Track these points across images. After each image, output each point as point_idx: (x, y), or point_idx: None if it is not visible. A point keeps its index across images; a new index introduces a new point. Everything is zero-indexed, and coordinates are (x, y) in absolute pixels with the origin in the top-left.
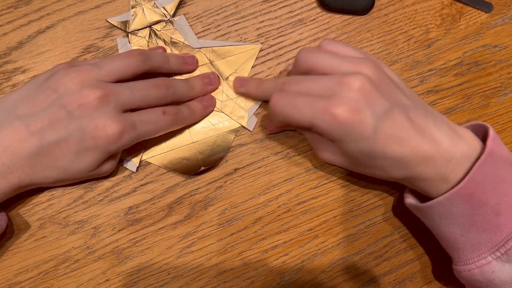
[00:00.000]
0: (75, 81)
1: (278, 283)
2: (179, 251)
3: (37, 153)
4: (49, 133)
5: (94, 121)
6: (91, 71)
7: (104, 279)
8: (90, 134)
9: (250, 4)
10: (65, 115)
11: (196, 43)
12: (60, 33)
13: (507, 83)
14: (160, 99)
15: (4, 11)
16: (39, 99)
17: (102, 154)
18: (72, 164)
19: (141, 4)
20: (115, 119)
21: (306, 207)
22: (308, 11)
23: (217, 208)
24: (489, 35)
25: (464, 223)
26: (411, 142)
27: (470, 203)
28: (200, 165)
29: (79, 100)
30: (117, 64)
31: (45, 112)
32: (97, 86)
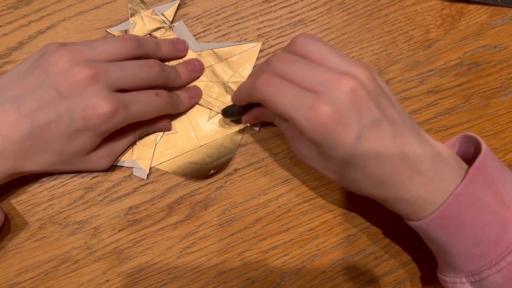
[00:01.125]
0: (65, 59)
1: (278, 283)
2: (179, 251)
3: (29, 136)
4: (39, 115)
5: (84, 100)
6: (83, 50)
7: (104, 279)
8: (80, 114)
9: (250, 4)
10: (55, 95)
11: (196, 47)
12: (60, 33)
13: (507, 83)
14: (152, 81)
15: (4, 11)
16: (29, 80)
17: (94, 135)
18: (64, 147)
19: (140, 12)
20: (106, 98)
21: (306, 207)
22: (308, 11)
23: (217, 209)
24: (489, 35)
25: (441, 248)
26: (391, 161)
27: (446, 232)
28: (210, 168)
29: (68, 79)
30: (111, 47)
31: (35, 92)
32: (87, 65)
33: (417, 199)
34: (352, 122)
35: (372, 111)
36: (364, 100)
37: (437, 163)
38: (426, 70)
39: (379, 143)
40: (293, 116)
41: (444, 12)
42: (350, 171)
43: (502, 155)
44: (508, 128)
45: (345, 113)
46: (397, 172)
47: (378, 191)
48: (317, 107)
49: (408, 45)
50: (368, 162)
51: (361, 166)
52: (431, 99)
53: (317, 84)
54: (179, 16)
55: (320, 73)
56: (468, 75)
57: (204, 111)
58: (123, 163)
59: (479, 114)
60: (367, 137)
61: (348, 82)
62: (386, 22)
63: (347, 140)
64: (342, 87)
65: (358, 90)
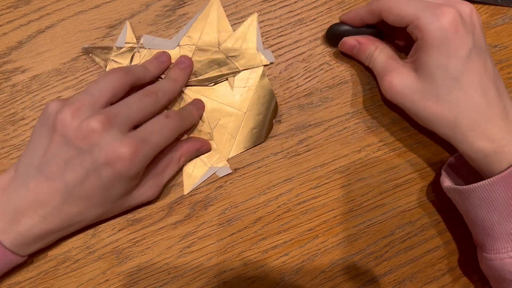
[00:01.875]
0: (71, 114)
1: (278, 283)
2: (179, 251)
3: (68, 198)
4: (69, 175)
5: (104, 150)
6: (84, 100)
7: (104, 279)
8: (105, 164)
9: (250, 4)
10: (76, 152)
11: (172, 44)
12: (60, 33)
13: (507, 83)
14: (156, 106)
15: (4, 11)
16: (46, 146)
17: (127, 179)
18: (106, 197)
19: (108, 58)
20: (124, 141)
21: (306, 207)
22: (308, 10)
23: (217, 208)
24: (489, 35)
25: (504, 210)
26: (491, 94)
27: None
28: (268, 121)
29: (82, 134)
30: (105, 85)
31: (56, 156)
32: (95, 113)
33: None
34: (469, 36)
35: (481, 41)
36: (476, 25)
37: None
38: None
39: (481, 72)
40: (419, 16)
41: None
42: (453, 93)
43: None
44: None
45: (465, 25)
46: (492, 106)
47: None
48: (444, 9)
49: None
50: (473, 85)
51: (466, 88)
52: None
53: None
54: (178, 15)
55: None
56: None
57: (224, 85)
58: (203, 178)
59: None
60: (476, 59)
61: (470, 5)
62: None
63: (462, 49)
64: (464, 6)
65: (475, 16)
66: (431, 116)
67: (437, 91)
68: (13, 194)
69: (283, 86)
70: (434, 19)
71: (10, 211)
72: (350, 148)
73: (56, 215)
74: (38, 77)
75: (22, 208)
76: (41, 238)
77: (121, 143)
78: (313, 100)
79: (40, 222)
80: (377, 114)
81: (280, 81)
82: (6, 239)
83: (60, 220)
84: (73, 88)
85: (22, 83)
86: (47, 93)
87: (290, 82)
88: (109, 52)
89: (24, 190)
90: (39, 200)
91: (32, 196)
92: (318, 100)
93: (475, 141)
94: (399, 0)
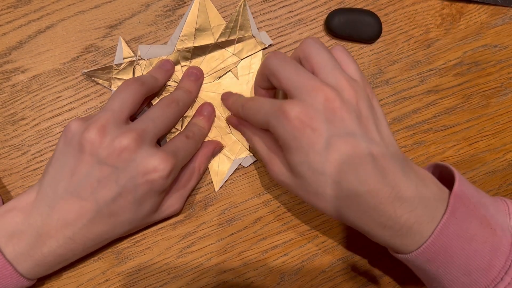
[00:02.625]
0: (98, 133)
1: (278, 283)
2: (179, 251)
3: (97, 216)
4: (102, 194)
5: (142, 165)
6: (107, 117)
7: (104, 279)
8: (143, 179)
9: (250, 4)
10: (111, 171)
11: (169, 49)
12: (60, 33)
13: (507, 83)
14: (178, 116)
15: (3, 11)
16: (76, 166)
17: (159, 194)
18: (135, 215)
19: (110, 77)
20: (158, 155)
21: (306, 207)
22: (308, 11)
23: (217, 208)
24: (489, 35)
25: (433, 279)
26: (370, 180)
27: (435, 264)
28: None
29: (115, 151)
30: (124, 98)
31: (89, 176)
32: (124, 130)
33: (401, 226)
34: (321, 127)
35: (346, 123)
36: (337, 110)
37: (420, 190)
38: (426, 70)
39: (353, 156)
40: (268, 121)
41: (444, 11)
42: (326, 187)
43: (502, 155)
44: (508, 127)
45: (314, 118)
46: (376, 194)
47: (360, 216)
48: (287, 109)
49: (408, 45)
50: (344, 175)
51: (338, 180)
52: (431, 98)
53: (296, 89)
54: (178, 15)
55: (303, 79)
56: (468, 75)
57: (228, 76)
58: (230, 172)
59: (479, 114)
60: (339, 146)
61: (326, 91)
62: (386, 22)
63: (316, 142)
64: (317, 95)
65: (333, 101)
66: (319, 209)
67: (312, 187)
68: (37, 216)
69: None
70: (278, 123)
71: (33, 234)
72: None
73: (83, 235)
74: (38, 77)
75: (47, 229)
76: (64, 259)
77: (156, 157)
78: None
79: (65, 243)
80: None
81: None
82: (23, 265)
83: (86, 239)
84: (73, 88)
85: (22, 83)
86: (47, 93)
87: None
88: (110, 71)
89: (50, 211)
90: (67, 220)
91: (59, 216)
92: None
93: (370, 230)
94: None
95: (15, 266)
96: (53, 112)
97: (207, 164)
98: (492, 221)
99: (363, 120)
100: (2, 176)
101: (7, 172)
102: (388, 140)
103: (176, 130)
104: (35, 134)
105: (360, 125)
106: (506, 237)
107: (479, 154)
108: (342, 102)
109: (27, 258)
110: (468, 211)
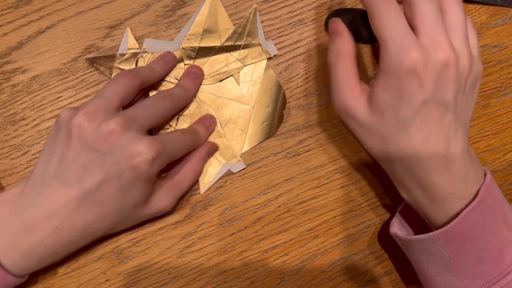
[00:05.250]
0: (87, 118)
1: (278, 283)
2: (179, 251)
3: (83, 204)
4: (87, 180)
5: (127, 150)
6: (97, 104)
7: (104, 279)
8: (127, 164)
9: (250, 4)
10: (97, 156)
11: (175, 46)
12: (60, 33)
13: (507, 83)
14: (171, 111)
15: (4, 11)
16: (63, 152)
17: (145, 181)
18: (122, 204)
19: (112, 65)
20: (146, 141)
21: (306, 207)
22: (308, 11)
23: (217, 208)
24: (489, 35)
25: (443, 264)
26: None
27: (452, 247)
28: (278, 113)
29: (102, 136)
30: (116, 88)
31: (76, 162)
32: (113, 115)
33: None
34: (429, 85)
35: (447, 93)
36: (448, 79)
37: (466, 165)
38: None
39: (434, 123)
40: (386, 44)
41: None
42: (398, 135)
43: (502, 155)
44: (508, 127)
45: (428, 74)
46: (433, 162)
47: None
48: (411, 51)
49: None
50: (418, 133)
51: (411, 135)
52: None
53: (427, 36)
54: (178, 16)
55: (437, 31)
56: None
57: (229, 81)
58: (218, 176)
59: (479, 114)
60: (430, 110)
61: (450, 56)
62: None
63: (416, 97)
64: (441, 54)
65: (451, 68)
66: (375, 151)
67: (384, 130)
68: (24, 207)
69: (283, 86)
70: (395, 54)
71: (19, 225)
72: (350, 148)
73: (69, 225)
74: (39, 77)
75: (34, 218)
76: (52, 252)
77: (141, 142)
78: (313, 100)
79: (52, 233)
80: None
81: (280, 81)
82: (9, 257)
83: (73, 230)
84: (73, 88)
85: (22, 84)
86: (48, 93)
87: (290, 82)
88: (113, 60)
89: (37, 199)
90: (53, 208)
91: (45, 204)
92: (318, 100)
93: (411, 189)
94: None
95: (0, 259)
96: (54, 112)
97: (202, 165)
98: (510, 220)
99: (460, 93)
100: (2, 176)
101: (7, 172)
102: (468, 115)
103: (169, 126)
104: (36, 134)
105: (455, 99)
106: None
107: (479, 154)
108: (456, 71)
109: (13, 250)
110: (494, 204)
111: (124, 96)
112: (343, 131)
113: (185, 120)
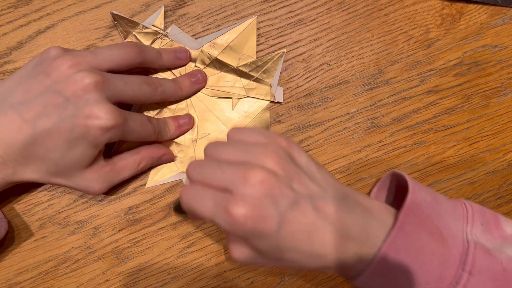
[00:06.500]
0: (69, 64)
1: (278, 283)
2: (179, 251)
3: (30, 143)
4: (42, 121)
5: (88, 108)
6: (86, 56)
7: (104, 279)
8: (82, 121)
9: (250, 4)
10: (61, 101)
11: (195, 45)
12: (60, 33)
13: (507, 83)
14: (148, 98)
15: (4, 11)
16: (32, 85)
17: (91, 146)
18: (62, 156)
19: (131, 31)
20: (109, 110)
21: None
22: (308, 11)
23: None
24: (489, 35)
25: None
26: (320, 233)
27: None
28: None
29: (74, 85)
30: (113, 53)
31: (39, 98)
32: (93, 71)
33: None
34: (270, 212)
35: (287, 195)
36: (275, 187)
37: (368, 223)
38: (426, 70)
39: (301, 222)
40: (215, 222)
41: (444, 11)
42: (287, 254)
43: (502, 155)
44: (508, 128)
45: (261, 207)
46: (328, 243)
47: (318, 262)
48: (231, 209)
49: (408, 45)
50: (297, 242)
51: (293, 247)
52: (431, 98)
53: (228, 183)
54: (178, 15)
55: (228, 171)
56: (468, 75)
57: (226, 101)
58: (169, 179)
59: (479, 114)
60: (289, 219)
61: (256, 174)
62: (386, 22)
63: (269, 230)
64: (251, 181)
65: (268, 180)
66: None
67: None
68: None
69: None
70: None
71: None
72: (350, 148)
73: (12, 157)
74: None
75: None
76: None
77: (105, 107)
78: (313, 100)
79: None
80: (377, 114)
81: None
82: None
83: (15, 162)
84: None
85: None
86: None
87: (290, 82)
88: (134, 27)
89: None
90: (2, 136)
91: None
92: (318, 100)
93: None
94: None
95: None
96: None
97: (149, 164)
98: (444, 231)
99: (295, 182)
100: None
101: None
102: (325, 183)
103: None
104: None
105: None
106: (457, 247)
107: (479, 154)
108: (275, 176)
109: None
110: (419, 222)
111: (117, 64)
112: (343, 131)
113: (167, 113)
